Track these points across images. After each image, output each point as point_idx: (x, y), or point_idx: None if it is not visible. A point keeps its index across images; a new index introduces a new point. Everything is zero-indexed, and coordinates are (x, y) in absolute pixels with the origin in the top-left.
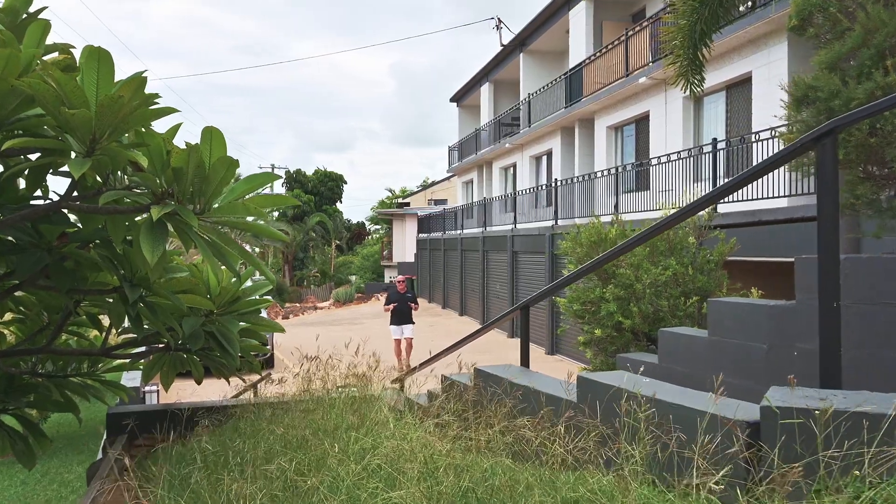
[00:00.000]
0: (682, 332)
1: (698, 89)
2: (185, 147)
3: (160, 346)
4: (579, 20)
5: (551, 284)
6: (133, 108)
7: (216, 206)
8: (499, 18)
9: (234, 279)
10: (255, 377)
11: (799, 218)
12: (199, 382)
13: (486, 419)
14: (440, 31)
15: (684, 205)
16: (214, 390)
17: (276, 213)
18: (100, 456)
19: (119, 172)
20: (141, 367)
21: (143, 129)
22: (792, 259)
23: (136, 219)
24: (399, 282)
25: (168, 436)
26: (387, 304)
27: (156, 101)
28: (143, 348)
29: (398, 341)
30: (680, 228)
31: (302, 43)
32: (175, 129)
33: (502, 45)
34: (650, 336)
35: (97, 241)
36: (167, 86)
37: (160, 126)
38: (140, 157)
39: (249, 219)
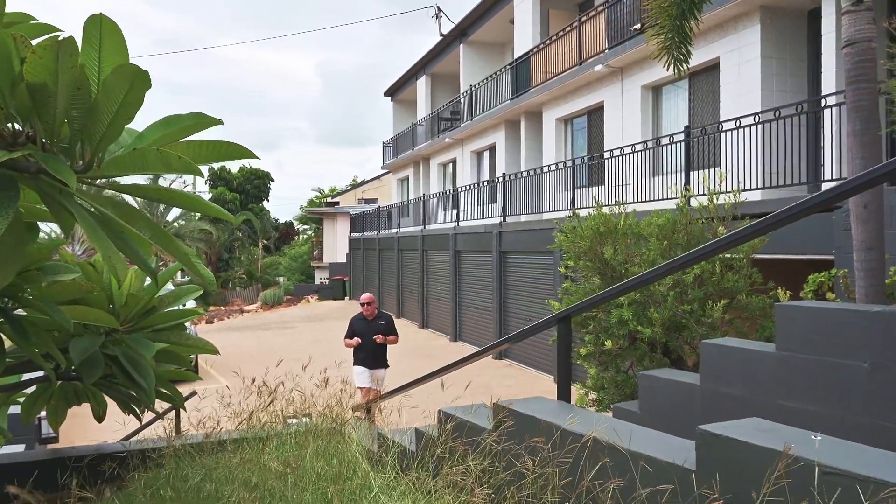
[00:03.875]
0: (736, 346)
1: (684, 66)
2: (50, 46)
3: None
4: (525, 8)
5: (617, 286)
6: None
7: (116, 154)
8: (438, 7)
9: (147, 281)
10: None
11: None
12: (98, 420)
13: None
14: (369, 19)
15: (645, 200)
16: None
17: (197, 213)
18: None
19: None
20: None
21: None
22: (785, 256)
23: None
24: (365, 303)
25: (57, 497)
26: (349, 335)
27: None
28: (32, 374)
29: (366, 391)
30: (701, 218)
31: (227, 40)
32: (47, 29)
33: (442, 34)
34: (667, 347)
35: None
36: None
37: None
38: None
39: (173, 184)
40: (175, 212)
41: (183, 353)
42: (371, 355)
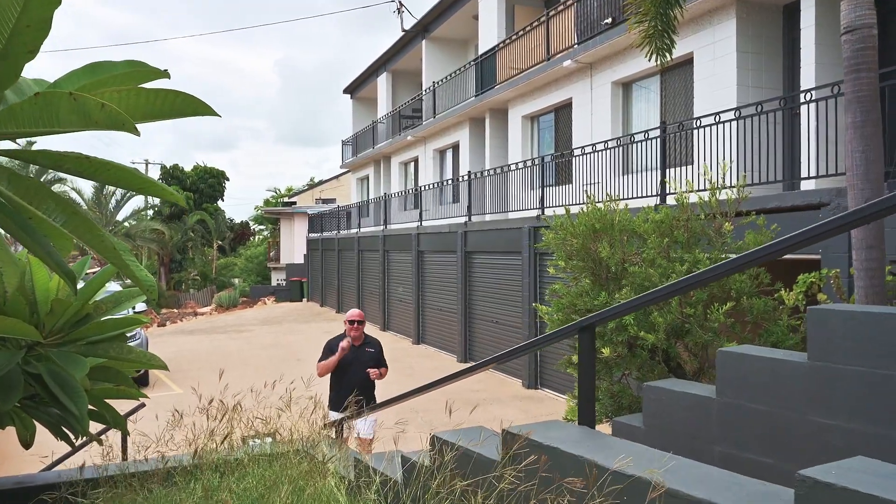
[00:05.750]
0: (759, 355)
1: (668, 56)
2: None
3: None
4: (489, 4)
5: (667, 287)
6: None
7: (9, 102)
8: (399, 1)
9: (80, 284)
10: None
11: (774, 208)
12: (26, 446)
13: None
14: (327, 13)
15: (616, 199)
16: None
17: (149, 212)
18: None
19: None
20: None
21: None
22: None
23: None
24: (353, 322)
25: None
26: (323, 359)
27: None
28: None
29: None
30: (703, 212)
31: (183, 38)
32: None
33: (403, 30)
34: (667, 354)
35: None
36: (39, 73)
37: None
38: None
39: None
40: (126, 210)
41: (124, 368)
42: (356, 393)
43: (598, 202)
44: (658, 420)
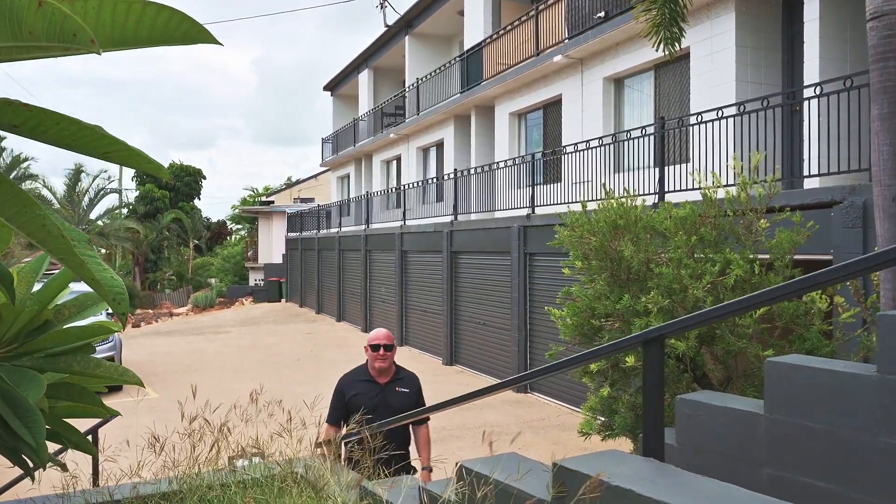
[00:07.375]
0: (816, 366)
1: (676, 46)
2: None
3: None
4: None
5: (749, 296)
6: None
7: None
8: None
9: (37, 286)
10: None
11: (783, 207)
12: None
13: None
14: (307, 7)
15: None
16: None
17: (124, 210)
18: None
19: None
20: None
21: None
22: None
23: None
24: (378, 346)
25: None
26: (335, 416)
27: None
28: None
29: None
30: (730, 209)
31: None
32: None
33: (387, 25)
34: (696, 362)
35: None
36: (6, 73)
37: None
38: None
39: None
40: (99, 209)
41: (92, 385)
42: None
43: (620, 197)
44: (694, 437)
